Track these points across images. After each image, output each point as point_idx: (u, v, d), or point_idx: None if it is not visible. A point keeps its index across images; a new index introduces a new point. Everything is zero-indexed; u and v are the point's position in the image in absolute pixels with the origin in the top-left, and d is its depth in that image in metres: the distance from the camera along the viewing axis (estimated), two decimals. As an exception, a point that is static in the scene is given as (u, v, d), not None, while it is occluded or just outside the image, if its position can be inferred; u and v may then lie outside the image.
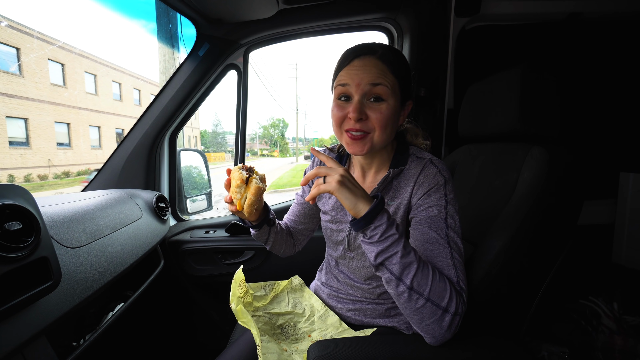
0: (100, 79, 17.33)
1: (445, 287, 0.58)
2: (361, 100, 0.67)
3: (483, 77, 0.98)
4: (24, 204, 0.57)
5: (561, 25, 1.40)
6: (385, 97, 0.67)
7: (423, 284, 0.57)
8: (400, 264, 0.57)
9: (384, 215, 0.58)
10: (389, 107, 0.67)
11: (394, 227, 0.58)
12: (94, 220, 0.86)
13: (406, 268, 0.57)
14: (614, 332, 1.28)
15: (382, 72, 0.66)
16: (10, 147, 12.93)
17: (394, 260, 0.57)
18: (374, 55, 0.67)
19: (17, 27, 12.89)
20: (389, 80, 0.66)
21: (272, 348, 0.72)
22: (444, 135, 1.41)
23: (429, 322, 0.58)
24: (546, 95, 0.81)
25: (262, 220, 0.82)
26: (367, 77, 0.66)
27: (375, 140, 0.68)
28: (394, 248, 0.57)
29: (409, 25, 1.33)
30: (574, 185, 0.72)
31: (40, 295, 0.57)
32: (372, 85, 0.66)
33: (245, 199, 0.69)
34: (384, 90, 0.66)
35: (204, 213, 1.63)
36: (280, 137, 51.93)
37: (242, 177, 0.68)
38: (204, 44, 1.30)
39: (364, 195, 0.59)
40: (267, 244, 0.89)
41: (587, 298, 1.40)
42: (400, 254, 0.57)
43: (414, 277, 0.57)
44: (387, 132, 0.68)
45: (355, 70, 0.67)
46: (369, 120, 0.67)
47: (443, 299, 0.57)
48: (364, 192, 0.60)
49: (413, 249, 0.59)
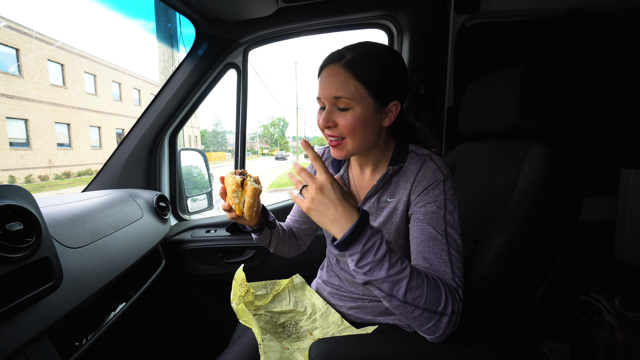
0: (100, 79, 17.33)
1: (441, 293, 0.57)
2: (330, 109, 0.69)
3: (483, 74, 0.98)
4: (25, 205, 0.57)
5: (561, 22, 1.39)
6: (350, 106, 0.67)
7: (417, 297, 0.56)
8: (388, 283, 0.55)
9: (359, 243, 0.55)
10: (354, 114, 0.67)
11: (374, 251, 0.55)
12: (95, 220, 0.86)
13: (395, 285, 0.55)
14: (615, 328, 1.28)
15: (344, 81, 0.66)
16: (10, 148, 12.94)
17: (379, 282, 0.56)
18: (339, 63, 0.67)
19: (15, 27, 12.88)
20: (352, 86, 0.66)
21: (274, 346, 0.72)
22: (444, 133, 1.41)
23: (427, 326, 0.58)
24: (547, 91, 0.80)
25: (263, 223, 0.82)
26: (329, 88, 0.67)
27: (350, 146, 0.70)
28: (377, 272, 0.55)
29: (408, 22, 1.33)
30: (575, 181, 0.72)
31: (42, 296, 0.57)
32: (334, 97, 0.67)
33: (244, 203, 0.70)
34: (345, 100, 0.66)
35: (205, 212, 1.63)
36: (281, 136, 51.94)
37: (237, 181, 0.69)
38: (203, 43, 1.30)
39: (338, 218, 0.56)
40: (270, 246, 0.89)
41: (588, 294, 1.40)
42: (384, 275, 0.55)
43: (406, 292, 0.55)
44: (358, 138, 0.69)
45: (322, 81, 0.69)
46: (338, 127, 0.69)
47: (439, 305, 0.57)
48: (343, 211, 0.56)
49: (401, 259, 0.57)
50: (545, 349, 1.27)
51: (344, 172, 0.84)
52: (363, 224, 0.56)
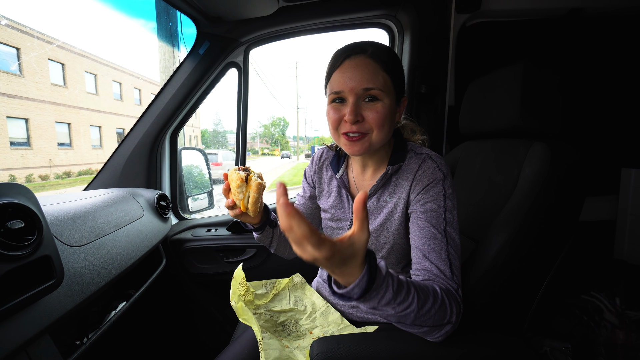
0: (100, 78, 17.31)
1: (446, 309, 0.57)
2: (356, 102, 0.66)
3: (484, 74, 0.98)
4: (26, 203, 0.57)
5: (562, 21, 1.39)
6: (380, 97, 0.66)
7: (425, 320, 0.55)
8: (395, 317, 0.54)
9: (363, 297, 0.49)
10: (384, 106, 0.66)
11: (378, 298, 0.50)
12: (96, 219, 0.86)
13: (402, 318, 0.54)
14: (616, 327, 1.28)
15: (374, 72, 0.65)
16: (11, 147, 12.94)
17: (385, 316, 0.54)
18: (365, 54, 0.67)
19: (16, 26, 12.89)
20: (381, 79, 0.66)
21: (274, 344, 0.72)
22: (445, 132, 1.41)
23: (432, 336, 0.60)
24: (547, 91, 0.80)
25: (264, 222, 0.81)
26: (359, 78, 0.65)
27: (374, 140, 0.68)
28: (384, 310, 0.52)
29: (409, 22, 1.33)
30: (576, 181, 0.72)
31: (43, 294, 0.57)
32: (365, 86, 0.65)
33: (249, 199, 0.70)
34: (376, 91, 0.65)
35: (206, 211, 1.63)
36: (281, 135, 51.94)
37: (241, 176, 0.68)
38: (204, 42, 1.30)
39: (337, 277, 0.48)
40: (271, 246, 0.89)
41: (589, 293, 1.40)
42: (392, 313, 0.53)
43: (415, 320, 0.54)
44: (385, 131, 0.68)
45: (348, 72, 0.66)
46: (366, 122, 0.67)
47: (444, 318, 0.57)
48: (342, 277, 0.48)
49: (407, 292, 0.52)
50: (546, 348, 1.27)
51: (343, 172, 0.83)
52: (369, 283, 0.48)
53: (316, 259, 0.43)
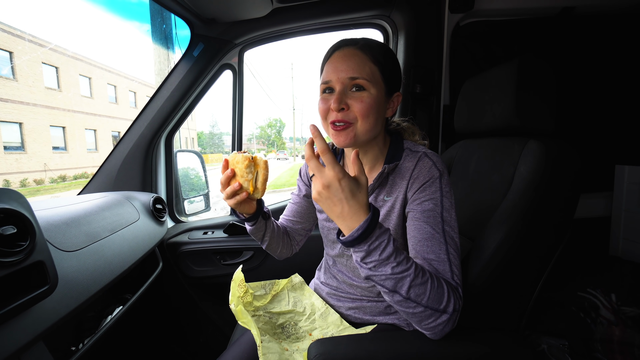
0: (95, 81, 17.21)
1: (443, 292, 0.57)
2: (342, 90, 0.67)
3: (478, 73, 0.98)
4: (18, 208, 0.56)
5: (554, 20, 1.40)
6: (366, 87, 0.67)
7: (420, 294, 0.55)
8: (392, 280, 0.55)
9: (366, 243, 0.54)
10: (370, 96, 0.67)
11: (380, 250, 0.54)
12: (90, 223, 0.85)
13: (399, 282, 0.55)
14: (612, 323, 1.29)
15: (362, 62, 0.67)
16: (5, 152, 12.82)
17: (383, 278, 0.55)
18: (354, 46, 0.69)
19: (8, 29, 12.77)
20: (368, 69, 0.67)
21: (273, 348, 0.72)
22: (441, 131, 1.41)
23: (427, 323, 0.58)
24: (542, 89, 0.81)
25: (257, 212, 0.81)
26: (345, 67, 0.67)
27: (359, 130, 0.68)
28: (381, 269, 0.55)
29: (403, 22, 1.33)
30: (571, 178, 0.72)
31: (37, 300, 0.56)
32: (351, 75, 0.66)
33: (257, 178, 0.70)
34: (362, 81, 0.67)
35: (202, 214, 1.63)
36: (278, 137, 51.88)
37: (248, 156, 0.69)
38: (198, 44, 1.30)
39: (344, 216, 0.54)
40: (264, 240, 0.88)
41: (585, 290, 1.41)
42: (389, 272, 0.54)
43: (410, 289, 0.55)
44: (370, 122, 0.68)
45: (336, 62, 0.68)
46: (351, 110, 0.67)
47: (441, 303, 0.57)
48: (350, 210, 0.54)
49: (406, 257, 0.56)
50: (544, 345, 1.27)
51: None
52: (371, 225, 0.53)
53: (330, 183, 0.53)
